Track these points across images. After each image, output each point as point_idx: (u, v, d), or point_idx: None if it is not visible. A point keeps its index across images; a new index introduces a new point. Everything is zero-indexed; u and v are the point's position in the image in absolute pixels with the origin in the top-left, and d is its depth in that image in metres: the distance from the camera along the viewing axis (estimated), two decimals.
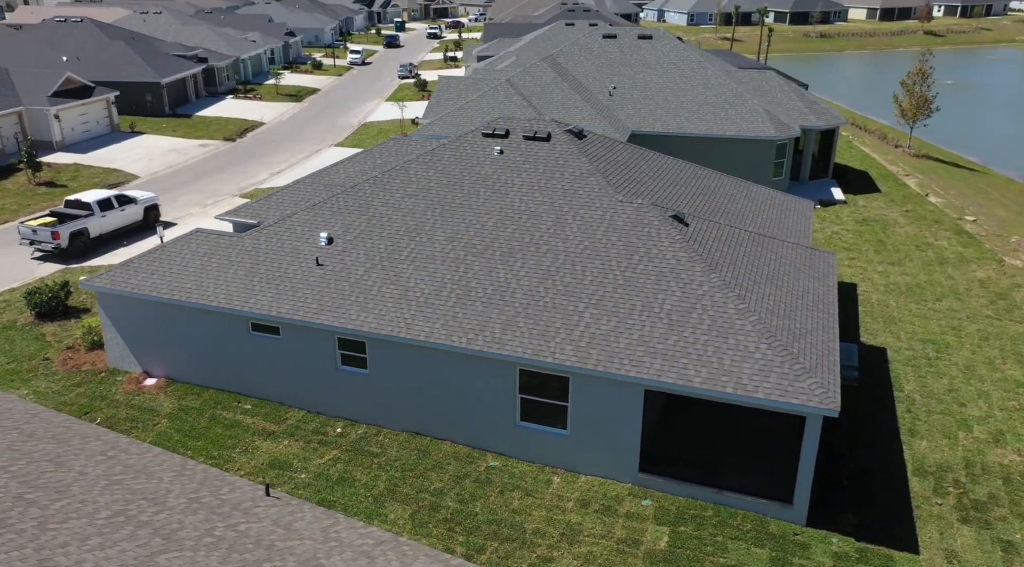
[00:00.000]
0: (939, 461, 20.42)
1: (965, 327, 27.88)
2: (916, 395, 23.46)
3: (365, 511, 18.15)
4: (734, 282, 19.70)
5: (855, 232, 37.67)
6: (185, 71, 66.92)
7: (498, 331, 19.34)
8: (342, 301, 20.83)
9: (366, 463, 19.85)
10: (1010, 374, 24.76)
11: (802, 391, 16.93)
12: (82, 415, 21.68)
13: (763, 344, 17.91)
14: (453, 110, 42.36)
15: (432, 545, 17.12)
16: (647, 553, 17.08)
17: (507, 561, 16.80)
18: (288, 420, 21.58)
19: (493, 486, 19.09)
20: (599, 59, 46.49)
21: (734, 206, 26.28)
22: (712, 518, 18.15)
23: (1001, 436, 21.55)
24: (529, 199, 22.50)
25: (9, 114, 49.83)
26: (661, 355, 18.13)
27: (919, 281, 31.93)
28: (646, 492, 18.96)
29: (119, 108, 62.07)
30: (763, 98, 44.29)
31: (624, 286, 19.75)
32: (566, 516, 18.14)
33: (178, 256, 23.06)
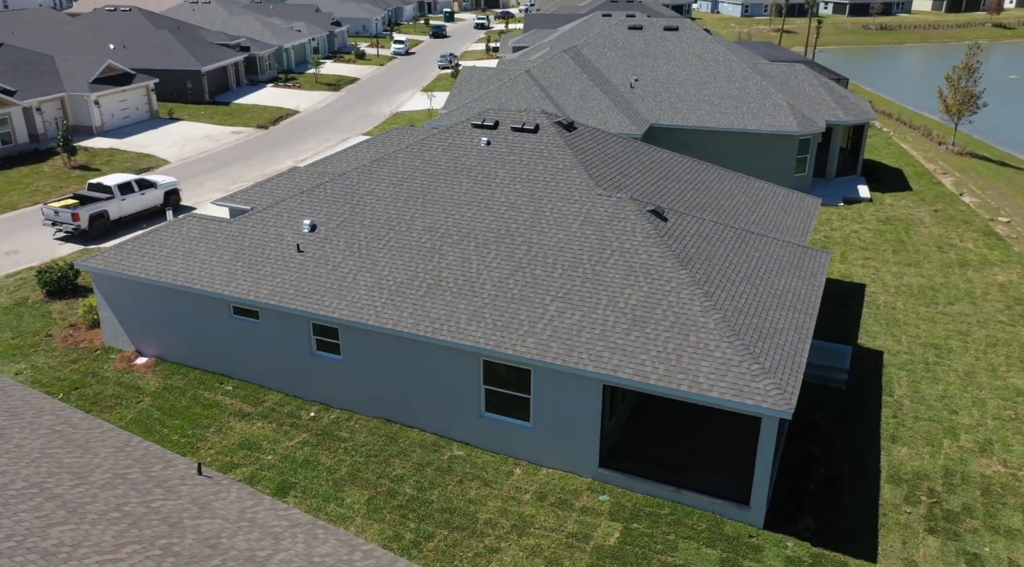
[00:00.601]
0: (917, 469, 19.80)
1: (973, 332, 26.89)
2: (906, 400, 22.76)
3: (323, 494, 18.48)
4: (705, 279, 19.39)
5: (875, 231, 36.59)
6: (226, 60, 68.46)
7: (463, 321, 19.42)
8: (318, 287, 21.17)
9: (333, 447, 20.18)
10: (1012, 382, 23.83)
11: (757, 392, 16.60)
12: (71, 390, 22.54)
13: (724, 343, 17.61)
14: (470, 100, 42.44)
15: (382, 531, 17.37)
16: (595, 548, 17.01)
17: (454, 549, 16.92)
18: (265, 402, 22.06)
19: (453, 475, 19.22)
20: (623, 50, 45.99)
21: (729, 202, 25.80)
22: (668, 516, 17.96)
23: (989, 445, 20.78)
24: (510, 191, 22.48)
25: (52, 100, 51.74)
26: (620, 350, 17.98)
27: (934, 283, 30.88)
28: (605, 487, 18.85)
29: (162, 95, 63.96)
30: (789, 92, 43.25)
31: (592, 280, 19.62)
32: (520, 508, 18.17)
33: (169, 239, 23.72)
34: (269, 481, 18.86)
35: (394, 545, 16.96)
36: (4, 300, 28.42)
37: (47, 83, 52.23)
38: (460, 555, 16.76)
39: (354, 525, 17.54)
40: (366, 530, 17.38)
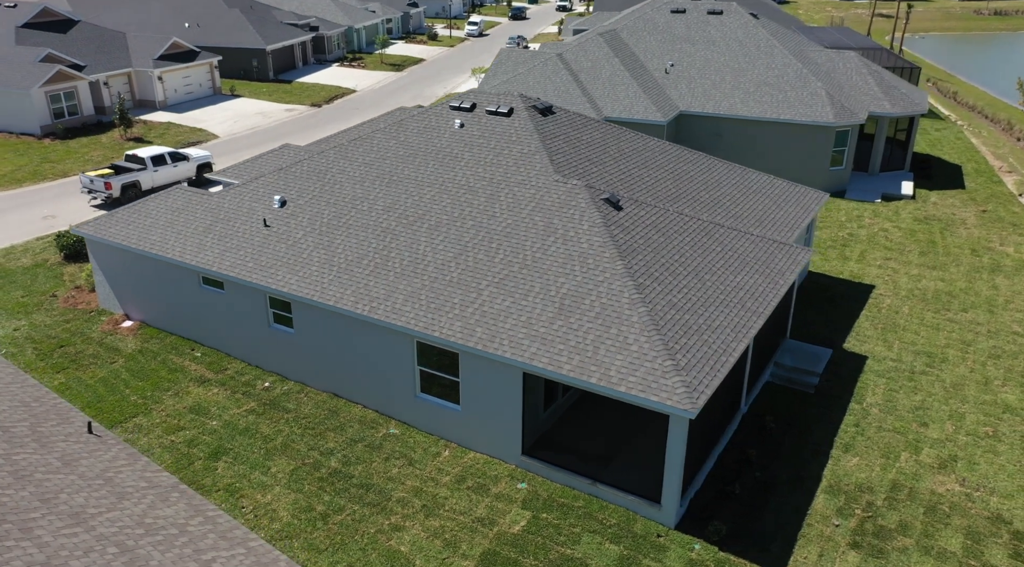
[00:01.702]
0: (861, 481, 18.83)
1: (978, 342, 25.20)
2: (874, 409, 21.62)
3: (252, 462, 19.14)
4: (644, 271, 18.92)
5: (907, 231, 34.61)
6: (293, 39, 70.48)
7: (400, 302, 19.64)
8: (275, 262, 21.79)
9: (276, 417, 20.83)
10: (1003, 398, 22.26)
11: (663, 389, 16.16)
12: (57, 348, 24.03)
13: (642, 337, 17.18)
14: (499, 83, 42.37)
15: (296, 501, 17.88)
16: (498, 534, 17.02)
17: (359, 524, 17.26)
18: (227, 370, 22.93)
19: (382, 452, 19.54)
20: (663, 34, 44.81)
21: (711, 193, 24.97)
22: (580, 509, 17.76)
23: (951, 462, 19.54)
24: (471, 174, 22.46)
25: (119, 74, 54.67)
26: (540, 339, 17.81)
27: (954, 288, 29.03)
28: (526, 475, 18.78)
29: (229, 72, 66.54)
30: (832, 81, 41.20)
31: (530, 267, 19.45)
32: (437, 489, 18.33)
33: (154, 210, 24.86)
34: (206, 446, 19.67)
35: (302, 515, 17.45)
36: (27, 261, 30.45)
37: (116, 59, 55.17)
38: (363, 531, 17.08)
39: (271, 493, 18.12)
40: (281, 499, 17.93)
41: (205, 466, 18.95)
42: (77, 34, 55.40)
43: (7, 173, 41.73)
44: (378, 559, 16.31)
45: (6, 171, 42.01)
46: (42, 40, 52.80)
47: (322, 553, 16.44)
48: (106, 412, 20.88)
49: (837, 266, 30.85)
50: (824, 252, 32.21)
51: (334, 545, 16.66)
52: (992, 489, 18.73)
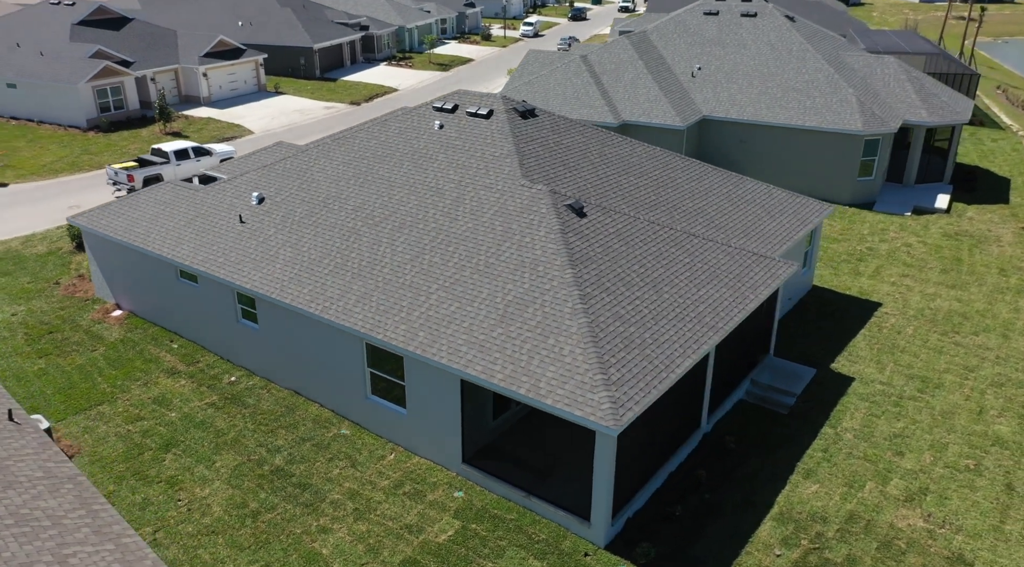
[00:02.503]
0: (816, 509, 17.85)
1: (982, 368, 23.66)
2: (849, 434, 20.49)
3: (199, 455, 19.37)
4: (595, 281, 18.36)
5: (932, 247, 32.82)
6: (341, 38, 71.61)
7: (352, 303, 19.58)
8: (244, 258, 22.03)
9: (234, 412, 21.05)
10: (996, 429, 20.82)
11: (589, 404, 15.62)
12: (46, 334, 24.87)
13: (577, 349, 16.66)
14: (520, 85, 42.05)
15: (231, 496, 18.00)
16: (423, 543, 16.77)
17: (287, 524, 17.26)
18: (199, 363, 23.31)
19: (327, 452, 19.52)
20: (693, 37, 43.69)
21: (696, 202, 24.13)
22: (512, 522, 17.35)
23: (920, 496, 18.35)
24: (442, 176, 22.25)
25: (167, 71, 56.51)
26: (478, 346, 17.47)
27: (970, 310, 27.35)
28: (464, 484, 18.46)
29: (277, 70, 68.07)
30: (867, 88, 39.41)
31: (482, 272, 19.12)
32: (372, 493, 18.19)
33: (144, 203, 25.49)
34: (159, 437, 20.02)
35: (234, 512, 17.55)
36: (42, 249, 31.68)
37: (165, 55, 57.04)
38: (289, 531, 17.07)
39: (210, 488, 18.29)
40: (218, 494, 18.08)
41: (154, 457, 19.28)
42: (129, 31, 57.51)
43: (47, 163, 43.58)
44: (297, 561, 16.26)
45: (46, 161, 43.89)
46: (95, 37, 55.00)
47: (243, 551, 16.49)
48: (74, 398, 21.48)
49: (847, 281, 29.45)
50: (836, 267, 30.81)
51: (257, 543, 16.70)
52: (959, 527, 17.50)
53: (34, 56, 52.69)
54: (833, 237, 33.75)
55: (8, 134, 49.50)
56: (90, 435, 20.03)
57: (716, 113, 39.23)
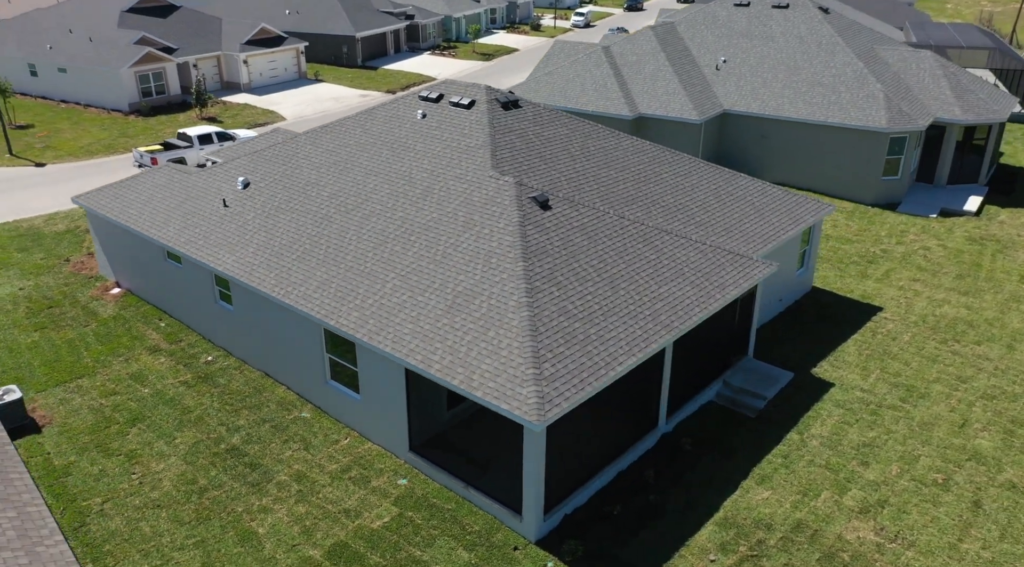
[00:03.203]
0: (763, 516, 17.36)
1: (976, 379, 22.59)
2: (815, 441, 19.84)
3: (162, 431, 19.96)
4: (548, 275, 18.17)
5: (952, 251, 31.41)
6: (385, 27, 72.31)
7: (312, 289, 19.85)
8: (221, 241, 22.54)
9: (205, 391, 21.61)
10: (976, 444, 19.87)
11: (516, 398, 15.51)
12: (46, 308, 25.95)
13: (515, 343, 16.55)
14: (540, 75, 41.77)
15: (183, 472, 18.50)
16: (356, 528, 16.95)
17: (230, 502, 17.66)
18: (182, 342, 23.99)
19: (284, 434, 19.88)
20: (722, 29, 42.63)
21: (677, 198, 23.61)
22: (449, 512, 17.39)
23: (877, 508, 17.66)
24: (416, 165, 22.32)
25: (209, 57, 58.05)
26: (422, 336, 17.51)
27: (978, 318, 26.10)
28: (410, 472, 18.57)
29: (320, 57, 69.21)
30: (899, 83, 37.84)
31: (437, 263, 19.14)
32: (319, 476, 18.45)
33: (142, 185, 26.30)
34: (128, 411, 20.70)
35: (183, 487, 18.04)
36: (61, 227, 33.02)
37: (208, 43, 58.60)
38: (231, 509, 17.47)
39: (166, 463, 18.84)
40: (171, 469, 18.62)
41: (119, 430, 19.96)
42: (176, 19, 59.25)
43: (85, 145, 45.34)
44: (231, 538, 16.64)
45: (85, 143, 45.66)
46: (141, 24, 56.85)
47: (183, 526, 16.95)
48: (57, 371, 22.38)
49: (852, 284, 28.43)
50: (843, 268, 29.76)
51: (198, 519, 17.14)
52: (912, 542, 16.79)
53: (84, 42, 54.80)
54: (847, 238, 32.61)
55: (55, 116, 51.65)
56: (65, 406, 20.85)
57: (737, 107, 38.27)
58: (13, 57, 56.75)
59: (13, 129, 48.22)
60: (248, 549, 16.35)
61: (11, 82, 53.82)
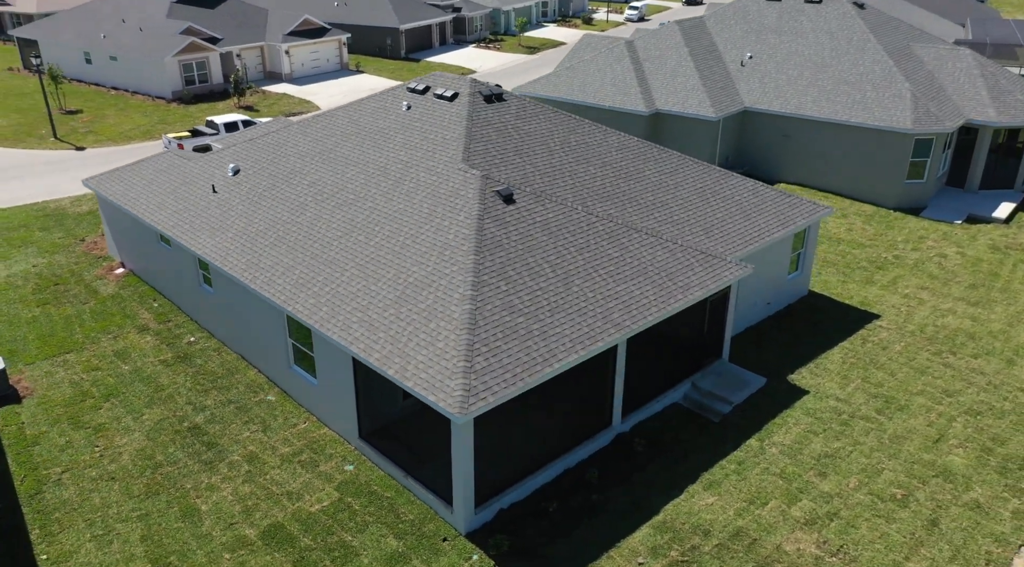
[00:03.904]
0: (703, 522, 17.03)
1: (963, 394, 21.62)
2: (774, 449, 19.32)
3: (131, 407, 20.71)
4: (499, 269, 18.14)
5: (970, 260, 30.05)
6: (430, 19, 72.89)
7: (278, 275, 20.28)
8: (204, 226, 23.20)
9: (180, 370, 22.32)
10: (948, 460, 19.04)
11: (443, 390, 15.58)
12: (52, 285, 27.16)
13: (452, 335, 16.60)
14: (563, 69, 41.51)
15: (143, 448, 19.18)
16: (295, 510, 17.31)
17: (181, 479, 18.24)
18: (170, 322, 24.80)
19: (247, 415, 20.38)
20: (751, 23, 41.57)
21: (657, 196, 23.22)
22: (389, 500, 17.59)
23: (824, 521, 17.12)
24: (393, 156, 22.54)
25: (253, 48, 59.56)
26: (369, 325, 17.72)
27: (982, 330, 24.95)
28: (358, 458, 18.84)
29: (364, 49, 70.23)
30: (931, 82, 36.29)
31: (396, 253, 19.31)
32: (270, 458, 18.88)
33: (145, 170, 27.24)
34: (104, 387, 21.54)
35: (139, 462, 18.71)
36: (85, 208, 34.45)
37: (253, 33, 60.11)
38: (179, 485, 18.03)
39: (128, 437, 19.56)
40: (133, 444, 19.31)
41: (93, 405, 20.80)
42: (224, 9, 60.95)
43: (125, 131, 47.14)
44: (174, 513, 17.19)
45: (125, 129, 47.46)
46: (189, 15, 58.66)
47: (132, 499, 17.59)
48: (49, 345, 23.43)
49: (853, 290, 27.50)
50: (849, 273, 28.78)
51: (147, 493, 17.76)
52: (854, 557, 16.23)
53: (134, 31, 56.89)
54: (860, 242, 31.51)
55: (103, 103, 53.82)
56: (48, 379, 21.83)
57: (759, 105, 37.33)
58: (71, 45, 59.31)
59: (63, 114, 50.45)
60: (187, 524, 16.88)
61: (67, 69, 56.36)
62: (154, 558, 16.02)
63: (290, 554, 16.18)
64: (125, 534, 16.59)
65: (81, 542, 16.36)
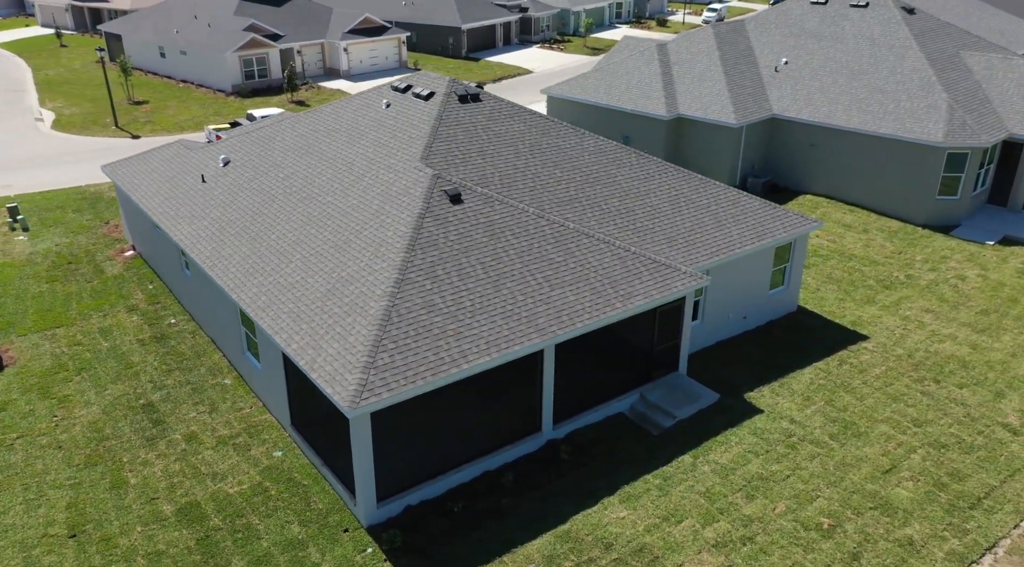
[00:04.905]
0: (609, 535, 16.69)
1: (933, 424, 20.35)
2: (706, 467, 18.70)
3: (96, 380, 21.90)
4: (428, 269, 18.27)
5: (992, 284, 28.13)
6: (493, 19, 73.39)
7: (233, 264, 21.02)
8: (185, 214, 24.25)
9: (153, 350, 23.42)
10: (893, 493, 18.00)
11: (340, 384, 15.85)
12: (67, 263, 28.95)
13: (364, 330, 16.85)
14: (592, 71, 41.12)
15: (95, 420, 20.30)
16: (214, 491, 17.94)
17: (120, 452, 19.18)
18: (159, 303, 26.04)
19: (198, 397, 21.22)
20: (792, 28, 40.07)
21: (624, 202, 22.78)
22: (305, 488, 18.01)
23: (736, 544, 16.50)
24: (362, 153, 22.96)
25: (314, 45, 61.52)
26: (296, 316, 18.18)
27: (979, 359, 23.38)
28: (289, 445, 19.33)
29: (427, 47, 71.42)
30: (977, 93, 34.11)
31: (338, 248, 19.72)
32: (207, 439, 19.62)
33: (153, 159, 28.66)
34: (80, 361, 22.84)
35: (87, 433, 19.79)
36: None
37: (315, 30, 62.08)
38: (117, 458, 18.98)
39: (86, 410, 20.70)
40: (88, 416, 20.44)
41: (65, 377, 22.11)
42: (290, 7, 63.21)
43: (180, 121, 49.58)
44: (104, 484, 18.11)
45: (180, 120, 49.93)
46: (255, 12, 61.11)
47: (71, 468, 18.64)
48: (45, 319, 25.02)
49: (849, 308, 26.21)
50: (851, 291, 27.44)
51: (87, 462, 18.78)
52: None
53: (203, 27, 59.73)
54: (874, 259, 29.97)
55: (169, 94, 56.76)
56: (33, 351, 23.34)
57: (787, 112, 35.98)
58: (148, 41, 62.80)
59: (131, 104, 53.51)
60: (113, 496, 17.76)
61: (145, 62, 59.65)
62: (72, 524, 16.95)
63: (197, 532, 16.81)
64: (54, 500, 17.61)
65: (12, 504, 17.47)
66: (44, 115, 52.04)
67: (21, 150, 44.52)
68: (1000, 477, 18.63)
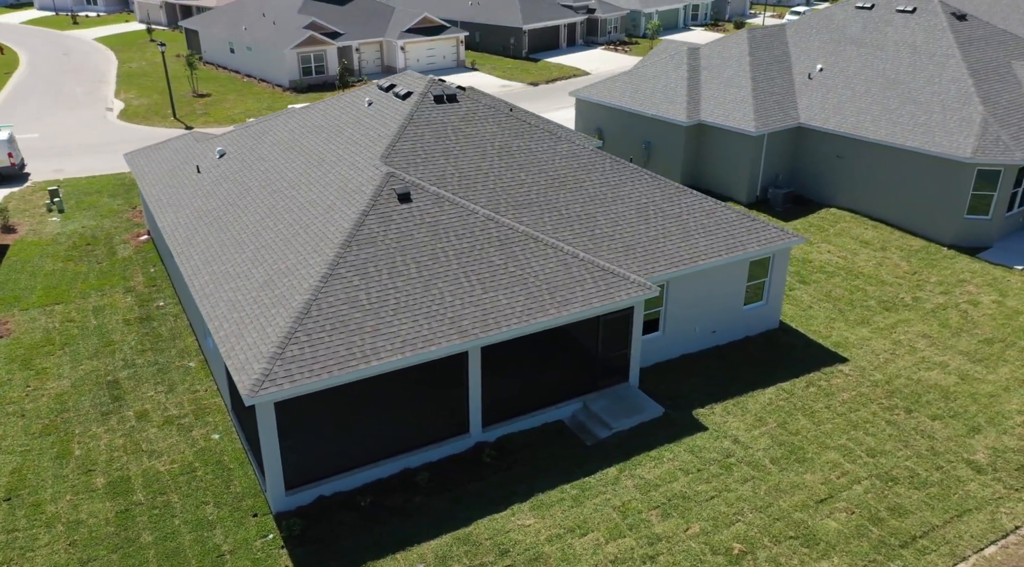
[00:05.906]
0: (508, 542, 16.57)
1: (889, 456, 19.25)
2: (629, 482, 18.28)
3: (76, 356, 23.22)
4: (359, 266, 18.56)
5: (1007, 312, 26.25)
6: (557, 20, 73.23)
7: (197, 251, 21.90)
8: (175, 202, 25.39)
9: (136, 331, 24.64)
10: (821, 524, 17.16)
11: (247, 373, 16.32)
12: (86, 245, 30.75)
13: (283, 322, 17.28)
14: (622, 75, 40.53)
15: (63, 393, 21.54)
16: (147, 469, 18.74)
17: (75, 424, 20.28)
18: (156, 286, 27.35)
19: (162, 377, 22.21)
20: (832, 34, 38.36)
21: (587, 208, 22.43)
22: (231, 471, 18.61)
23: (634, 563, 16.09)
24: (334, 150, 23.48)
25: (372, 43, 63.00)
26: (230, 304, 18.80)
27: (966, 390, 21.94)
28: (227, 429, 20.01)
29: (491, 47, 71.95)
30: (1017, 106, 31.82)
31: (286, 241, 20.25)
32: (156, 417, 20.52)
33: (166, 149, 30.10)
34: (67, 336, 24.27)
35: (51, 405, 21.03)
36: None
37: (374, 29, 63.55)
38: (71, 430, 20.09)
39: (56, 382, 21.99)
40: (56, 388, 21.71)
41: (49, 351, 23.54)
42: (353, 6, 64.93)
43: (233, 114, 51.73)
44: (51, 453, 19.22)
45: (234, 113, 52.08)
46: (318, 11, 63.05)
47: (28, 436, 19.86)
48: (49, 295, 26.69)
49: (837, 329, 24.98)
50: (846, 311, 26.15)
51: (42, 432, 19.97)
52: None
53: (269, 25, 62.10)
54: (883, 279, 28.44)
55: (231, 88, 59.29)
56: (30, 324, 24.95)
57: (813, 121, 34.54)
58: (219, 37, 65.80)
59: (194, 97, 56.21)
60: (54, 465, 18.84)
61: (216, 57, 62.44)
62: (10, 489, 18.08)
63: (119, 504, 17.65)
64: (1, 465, 18.82)
65: None
66: (115, 105, 55.30)
67: (84, 137, 47.49)
68: (946, 517, 17.45)
